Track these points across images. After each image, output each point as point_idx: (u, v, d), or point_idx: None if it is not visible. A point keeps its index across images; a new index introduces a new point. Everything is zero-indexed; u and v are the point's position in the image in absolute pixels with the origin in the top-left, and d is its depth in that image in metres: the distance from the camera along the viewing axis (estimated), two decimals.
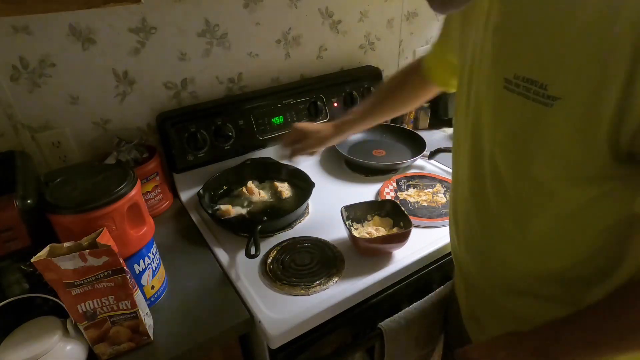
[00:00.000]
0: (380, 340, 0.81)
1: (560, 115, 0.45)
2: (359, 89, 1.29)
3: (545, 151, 0.49)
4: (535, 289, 0.59)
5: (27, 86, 0.89)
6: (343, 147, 1.25)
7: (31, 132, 0.93)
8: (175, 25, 1.01)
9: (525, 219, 0.56)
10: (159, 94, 1.06)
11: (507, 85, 0.51)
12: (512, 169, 0.54)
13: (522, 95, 0.49)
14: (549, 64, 0.46)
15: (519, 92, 0.50)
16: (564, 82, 0.45)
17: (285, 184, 1.09)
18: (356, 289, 0.78)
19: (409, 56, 1.53)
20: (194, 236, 0.96)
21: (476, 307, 0.72)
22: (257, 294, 0.77)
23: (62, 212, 0.64)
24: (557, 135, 0.47)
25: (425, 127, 1.45)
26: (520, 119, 0.51)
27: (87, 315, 0.63)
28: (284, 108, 1.17)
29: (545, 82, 0.46)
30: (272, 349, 0.72)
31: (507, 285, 0.63)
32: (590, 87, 0.42)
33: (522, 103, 0.49)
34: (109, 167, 0.79)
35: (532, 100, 0.48)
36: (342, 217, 0.88)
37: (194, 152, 1.05)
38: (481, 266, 0.67)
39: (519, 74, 0.49)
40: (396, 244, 0.85)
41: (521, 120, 0.51)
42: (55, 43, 0.89)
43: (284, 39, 1.20)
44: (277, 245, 0.89)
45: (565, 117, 0.45)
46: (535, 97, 0.47)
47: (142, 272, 0.73)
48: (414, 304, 0.85)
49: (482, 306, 0.70)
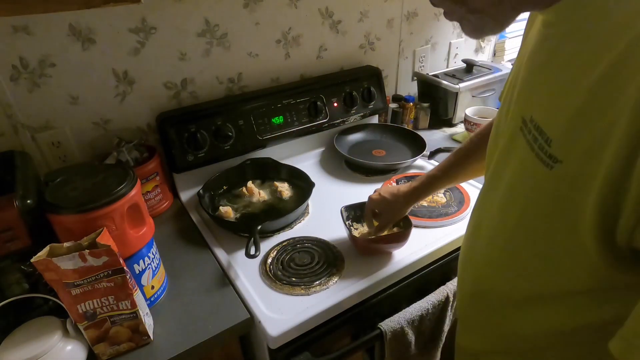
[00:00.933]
0: (380, 341, 0.81)
1: (557, 183, 0.38)
2: (358, 89, 1.29)
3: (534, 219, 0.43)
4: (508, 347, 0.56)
5: (27, 86, 0.89)
6: (343, 147, 1.25)
7: (31, 132, 0.93)
8: (175, 25, 1.01)
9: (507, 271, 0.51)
10: (159, 94, 1.06)
11: (522, 126, 0.44)
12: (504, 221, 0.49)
13: (529, 145, 0.42)
14: (557, 115, 0.38)
15: (527, 140, 0.43)
16: (567, 142, 0.37)
17: (285, 184, 1.09)
18: (356, 289, 0.78)
19: (409, 56, 1.53)
20: (194, 236, 0.96)
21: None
22: (257, 294, 0.77)
23: (62, 212, 0.64)
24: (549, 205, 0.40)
25: (425, 127, 1.46)
26: (521, 173, 0.45)
27: (87, 315, 0.63)
28: (284, 108, 1.17)
29: (551, 136, 0.39)
30: (272, 349, 0.72)
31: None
32: (589, 154, 0.35)
33: (526, 154, 0.42)
34: (109, 167, 0.79)
35: (535, 155, 0.41)
36: (342, 217, 0.88)
37: (194, 152, 1.05)
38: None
39: (534, 118, 0.42)
40: (396, 244, 0.85)
41: (522, 174, 0.45)
42: (55, 43, 0.89)
43: (284, 39, 1.20)
44: (277, 245, 0.89)
45: (561, 186, 0.38)
46: (539, 153, 0.40)
47: (142, 272, 0.73)
48: (414, 304, 0.85)
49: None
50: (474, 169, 0.79)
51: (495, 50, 1.83)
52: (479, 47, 1.76)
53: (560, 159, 0.38)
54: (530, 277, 0.47)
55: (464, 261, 0.63)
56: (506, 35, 1.82)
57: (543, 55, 0.44)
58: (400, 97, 1.44)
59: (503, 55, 1.83)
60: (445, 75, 1.46)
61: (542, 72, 0.44)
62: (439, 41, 1.59)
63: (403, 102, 1.43)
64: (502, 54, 1.83)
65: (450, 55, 1.66)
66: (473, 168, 0.79)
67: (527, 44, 0.51)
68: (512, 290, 0.51)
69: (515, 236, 0.47)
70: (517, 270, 0.49)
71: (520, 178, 0.45)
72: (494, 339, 0.58)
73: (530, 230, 0.45)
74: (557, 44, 0.42)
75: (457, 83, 1.39)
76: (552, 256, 0.43)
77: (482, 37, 0.52)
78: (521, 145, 0.44)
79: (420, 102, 1.45)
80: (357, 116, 1.30)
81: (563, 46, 0.41)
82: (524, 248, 0.47)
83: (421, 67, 1.58)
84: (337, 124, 1.27)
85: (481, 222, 0.56)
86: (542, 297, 0.47)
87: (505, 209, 0.49)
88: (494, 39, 1.79)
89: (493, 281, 0.54)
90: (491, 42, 1.80)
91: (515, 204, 0.46)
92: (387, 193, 0.85)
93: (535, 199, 0.42)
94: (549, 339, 0.49)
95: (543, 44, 0.44)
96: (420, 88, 1.54)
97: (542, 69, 0.44)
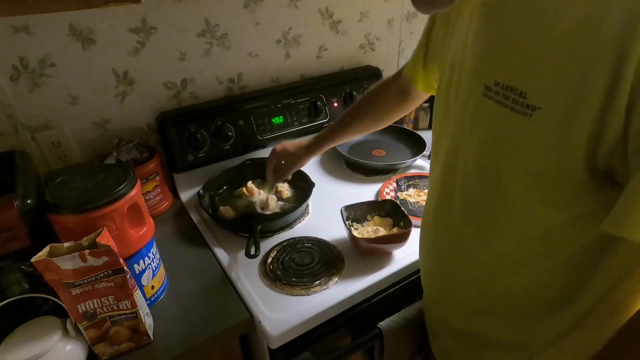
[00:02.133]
0: (380, 340, 0.80)
1: (538, 127, 0.43)
2: (359, 89, 1.29)
3: (518, 165, 0.47)
4: (492, 308, 0.59)
5: (27, 86, 0.89)
6: (343, 147, 1.24)
7: (31, 132, 0.93)
8: (175, 25, 1.01)
9: (489, 234, 0.54)
10: (159, 94, 1.06)
11: (487, 92, 0.49)
12: (483, 180, 0.52)
13: (500, 104, 0.47)
14: (530, 70, 0.44)
15: (497, 100, 0.48)
16: (544, 90, 0.43)
17: (285, 184, 1.09)
18: (356, 289, 0.78)
19: (409, 56, 1.52)
20: (194, 236, 0.96)
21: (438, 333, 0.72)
22: (257, 294, 0.77)
23: (62, 212, 0.64)
24: (533, 149, 0.45)
25: (425, 127, 1.45)
26: (497, 128, 0.49)
27: (87, 315, 0.63)
28: (284, 108, 1.17)
29: (525, 89, 0.44)
30: (272, 349, 0.72)
31: (463, 305, 0.63)
32: (569, 97, 0.40)
33: (499, 111, 0.47)
34: (109, 167, 0.79)
35: (510, 109, 0.46)
36: (342, 217, 0.88)
37: (194, 152, 1.05)
38: (441, 281, 0.67)
39: (499, 81, 0.47)
40: (396, 244, 0.85)
41: (497, 129, 0.49)
42: (55, 43, 0.89)
43: (284, 39, 1.20)
44: (277, 245, 0.89)
45: (543, 129, 0.43)
46: (514, 106, 0.45)
47: (142, 272, 0.73)
48: (414, 304, 0.85)
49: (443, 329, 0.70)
50: (368, 121, 0.92)
51: None
52: None
53: (538, 106, 0.43)
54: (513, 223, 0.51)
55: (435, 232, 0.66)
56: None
57: (494, 30, 0.49)
58: None
59: None
60: None
61: (498, 43, 0.49)
62: None
63: None
64: None
65: None
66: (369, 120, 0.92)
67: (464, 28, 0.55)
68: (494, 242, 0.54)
69: (496, 187, 0.51)
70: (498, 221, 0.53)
71: (497, 133, 0.49)
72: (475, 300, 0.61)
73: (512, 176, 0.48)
74: (510, 17, 0.47)
75: None
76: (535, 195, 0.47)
77: (433, 11, 0.59)
78: (489, 107, 0.49)
79: None
80: None
81: (518, 16, 0.46)
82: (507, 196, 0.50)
83: None
84: None
85: (452, 190, 0.58)
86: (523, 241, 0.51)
87: (483, 166, 0.52)
88: None
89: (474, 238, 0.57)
90: None
91: (495, 157, 0.50)
92: (290, 144, 0.96)
93: (516, 146, 0.47)
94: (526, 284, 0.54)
95: (490, 21, 0.50)
96: None
97: (497, 41, 0.49)
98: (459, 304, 0.64)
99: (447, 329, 0.69)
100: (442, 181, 0.62)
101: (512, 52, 0.47)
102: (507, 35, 0.48)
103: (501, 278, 0.56)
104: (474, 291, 0.60)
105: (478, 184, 0.53)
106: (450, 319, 0.67)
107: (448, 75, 0.60)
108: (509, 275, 0.55)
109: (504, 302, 0.57)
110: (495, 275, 0.56)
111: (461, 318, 0.64)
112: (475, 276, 0.59)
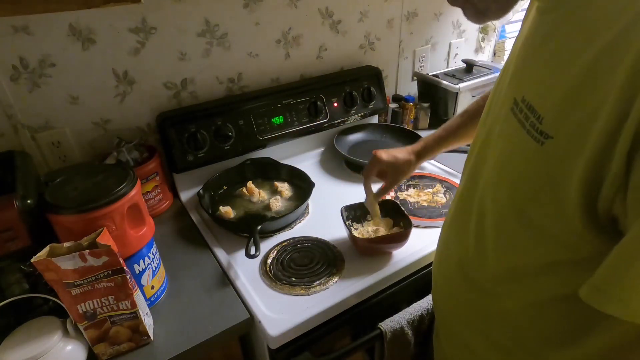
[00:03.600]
0: (380, 340, 0.80)
1: (546, 158, 0.40)
2: (358, 89, 1.29)
3: (523, 193, 0.44)
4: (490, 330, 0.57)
5: (27, 86, 0.89)
6: (343, 147, 1.25)
7: (31, 132, 0.93)
8: (175, 25, 1.01)
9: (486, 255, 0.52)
10: (159, 94, 1.06)
11: (514, 107, 0.46)
12: (494, 199, 0.50)
13: (520, 123, 0.44)
14: (551, 94, 0.40)
15: (519, 119, 0.45)
16: (559, 119, 0.39)
17: (285, 184, 1.09)
18: (356, 289, 0.78)
19: (409, 56, 1.53)
20: (194, 236, 0.96)
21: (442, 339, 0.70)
22: (257, 294, 0.77)
23: (62, 212, 0.64)
24: (537, 180, 0.42)
25: (425, 127, 1.45)
26: (512, 148, 0.46)
27: (87, 315, 0.63)
28: (284, 108, 1.17)
29: (543, 114, 0.41)
30: (272, 349, 0.72)
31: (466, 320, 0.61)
32: (580, 130, 0.37)
33: (517, 131, 0.44)
34: (109, 167, 0.79)
35: (527, 132, 0.43)
36: (342, 217, 0.88)
37: (194, 152, 1.05)
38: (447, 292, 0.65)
39: (526, 98, 0.44)
40: (396, 244, 0.85)
41: (512, 149, 0.46)
42: (55, 43, 0.89)
43: (284, 39, 1.20)
44: (277, 245, 0.89)
45: (550, 160, 0.40)
46: (530, 130, 0.42)
47: (142, 272, 0.73)
48: (414, 304, 0.85)
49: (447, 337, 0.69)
50: None
51: (495, 50, 1.83)
52: (479, 47, 1.76)
53: (551, 135, 0.40)
54: (517, 249, 0.49)
55: (448, 241, 0.64)
56: (506, 35, 1.82)
57: (537, 40, 0.46)
58: (400, 97, 1.44)
59: (503, 55, 1.83)
60: (445, 75, 1.46)
61: (536, 55, 0.45)
62: (439, 41, 1.59)
63: (403, 102, 1.43)
64: (502, 54, 1.83)
65: (450, 55, 1.66)
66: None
67: (522, 31, 0.52)
68: (499, 264, 0.52)
69: (506, 209, 0.49)
70: (501, 246, 0.51)
71: (511, 154, 0.47)
72: (476, 317, 0.59)
73: (520, 202, 0.46)
74: (551, 29, 0.43)
75: (457, 83, 1.39)
76: (539, 228, 0.44)
77: (485, 22, 0.53)
78: (512, 125, 0.46)
79: (420, 102, 1.45)
80: (357, 116, 1.30)
81: (557, 31, 0.42)
82: (513, 221, 0.48)
83: (421, 67, 1.58)
84: (337, 124, 1.27)
85: (471, 203, 0.57)
86: (527, 268, 0.48)
87: (497, 184, 0.50)
88: (494, 39, 1.79)
89: (482, 256, 0.55)
90: (491, 42, 1.80)
91: (506, 179, 0.48)
92: (396, 151, 0.85)
93: (525, 173, 0.44)
94: (527, 311, 0.51)
95: (537, 29, 0.46)
96: (420, 88, 1.54)
97: (536, 53, 0.45)
98: (463, 316, 0.62)
99: (451, 338, 0.67)
100: (465, 187, 0.60)
101: (543, 68, 0.43)
102: (546, 47, 0.44)
103: (497, 300, 0.53)
104: (474, 309, 0.58)
105: (490, 201, 0.52)
106: (456, 329, 0.65)
107: (498, 78, 0.57)
108: (503, 299, 0.52)
109: (501, 325, 0.55)
110: (491, 296, 0.54)
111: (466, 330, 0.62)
112: (474, 294, 0.57)
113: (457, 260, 0.61)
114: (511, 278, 0.51)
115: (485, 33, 1.73)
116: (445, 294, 0.66)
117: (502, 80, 0.54)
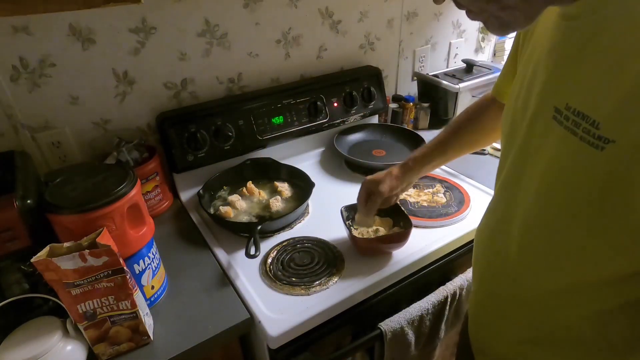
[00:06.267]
0: (380, 341, 0.81)
1: (609, 162, 0.39)
2: (358, 89, 1.29)
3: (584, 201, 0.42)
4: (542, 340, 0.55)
5: (27, 86, 0.89)
6: (343, 147, 1.25)
7: (31, 132, 0.93)
8: (175, 25, 1.01)
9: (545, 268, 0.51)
10: (159, 94, 1.06)
11: (556, 115, 0.45)
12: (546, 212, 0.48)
13: (570, 131, 0.42)
14: (607, 97, 0.39)
15: (566, 126, 0.43)
16: (620, 121, 0.38)
17: (285, 184, 1.09)
18: (356, 289, 0.78)
19: (409, 56, 1.53)
20: (194, 236, 0.96)
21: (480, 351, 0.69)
22: (257, 294, 0.77)
23: (62, 212, 0.64)
24: (601, 186, 0.40)
25: (425, 127, 1.45)
26: (564, 158, 0.44)
27: (87, 315, 0.63)
28: (284, 108, 1.17)
29: (599, 119, 0.39)
30: (272, 349, 0.72)
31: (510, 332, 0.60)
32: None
33: (567, 139, 0.43)
34: (109, 167, 0.79)
35: (580, 139, 0.41)
36: (342, 217, 0.88)
37: (194, 152, 1.05)
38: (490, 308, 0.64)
39: (571, 105, 0.43)
40: (396, 244, 0.85)
41: (564, 159, 0.44)
42: (55, 43, 0.89)
43: (284, 39, 1.20)
44: (277, 245, 0.89)
45: (614, 164, 0.38)
46: (584, 136, 0.41)
47: (142, 272, 0.73)
48: (414, 304, 0.85)
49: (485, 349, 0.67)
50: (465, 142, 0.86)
51: (495, 51, 1.83)
52: (479, 47, 1.76)
53: (613, 139, 0.38)
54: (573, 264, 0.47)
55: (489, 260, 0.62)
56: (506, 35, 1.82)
57: (572, 47, 0.45)
58: (400, 97, 1.44)
59: (503, 55, 1.83)
60: (445, 75, 1.46)
61: (576, 62, 0.44)
62: (439, 41, 1.59)
63: (403, 102, 1.43)
64: (502, 54, 1.83)
65: (450, 55, 1.66)
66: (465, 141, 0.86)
67: (541, 40, 0.51)
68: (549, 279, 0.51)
69: (558, 223, 0.47)
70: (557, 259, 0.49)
71: (562, 164, 0.45)
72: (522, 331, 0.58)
73: (576, 214, 0.44)
74: (589, 34, 0.43)
75: (457, 83, 1.39)
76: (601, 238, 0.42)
77: (508, 33, 0.51)
78: (558, 133, 0.45)
79: (420, 102, 1.45)
80: (357, 116, 1.30)
81: (597, 36, 0.42)
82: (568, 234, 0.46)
83: (421, 67, 1.58)
84: (337, 124, 1.27)
85: (512, 217, 0.55)
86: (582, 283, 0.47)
87: (546, 197, 0.48)
88: (494, 39, 1.79)
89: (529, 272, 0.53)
90: (491, 42, 1.80)
91: (559, 191, 0.46)
92: (388, 178, 0.84)
93: (584, 182, 0.42)
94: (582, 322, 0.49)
95: (569, 36, 0.45)
96: (420, 88, 1.54)
97: (575, 59, 0.44)
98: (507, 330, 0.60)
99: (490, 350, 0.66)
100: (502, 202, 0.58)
101: (589, 73, 0.42)
102: (586, 53, 0.43)
103: (554, 312, 0.52)
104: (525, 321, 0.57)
105: (539, 215, 0.50)
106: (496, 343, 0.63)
107: (518, 86, 0.56)
108: (563, 309, 0.51)
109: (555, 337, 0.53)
110: (548, 309, 0.52)
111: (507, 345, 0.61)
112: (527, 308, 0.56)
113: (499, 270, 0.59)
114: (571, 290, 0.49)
115: (485, 33, 1.73)
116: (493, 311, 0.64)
117: (527, 89, 0.52)
